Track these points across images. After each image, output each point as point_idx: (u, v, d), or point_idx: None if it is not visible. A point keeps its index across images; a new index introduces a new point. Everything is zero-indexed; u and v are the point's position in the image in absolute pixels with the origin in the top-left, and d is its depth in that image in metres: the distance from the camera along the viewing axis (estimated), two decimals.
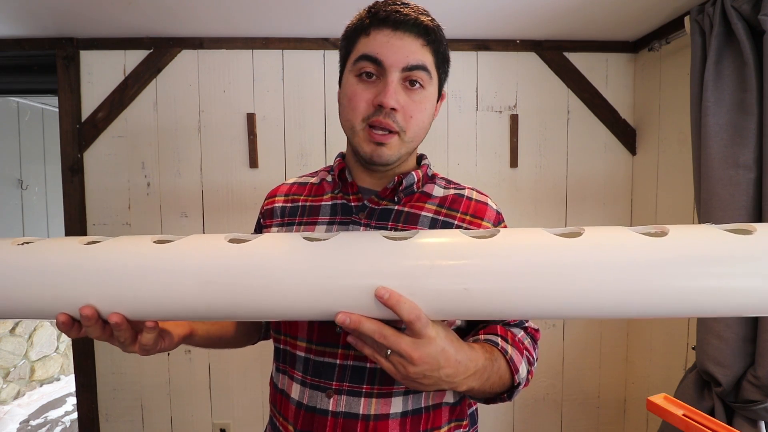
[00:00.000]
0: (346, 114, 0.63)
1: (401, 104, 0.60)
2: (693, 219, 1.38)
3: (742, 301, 0.44)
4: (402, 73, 0.60)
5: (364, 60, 0.60)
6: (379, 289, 0.45)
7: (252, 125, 1.58)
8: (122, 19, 1.40)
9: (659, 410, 0.80)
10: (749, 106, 1.08)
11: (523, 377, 0.60)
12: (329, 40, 1.57)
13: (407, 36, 0.60)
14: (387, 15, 0.59)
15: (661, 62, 1.52)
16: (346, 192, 0.69)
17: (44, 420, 2.59)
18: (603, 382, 1.72)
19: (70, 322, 0.49)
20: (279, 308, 0.47)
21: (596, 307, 0.44)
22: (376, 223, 0.65)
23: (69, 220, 1.57)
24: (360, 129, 0.62)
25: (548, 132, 1.66)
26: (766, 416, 1.06)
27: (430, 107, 0.64)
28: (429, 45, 0.61)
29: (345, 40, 0.66)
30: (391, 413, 0.60)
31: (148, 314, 0.49)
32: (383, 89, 0.59)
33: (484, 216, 0.67)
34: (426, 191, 0.69)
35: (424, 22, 0.60)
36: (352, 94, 0.62)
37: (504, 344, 0.60)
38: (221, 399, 1.64)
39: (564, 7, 1.34)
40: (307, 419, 0.62)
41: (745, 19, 1.08)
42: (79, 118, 1.56)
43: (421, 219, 0.65)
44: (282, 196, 0.74)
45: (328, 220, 0.67)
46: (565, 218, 1.67)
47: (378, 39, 0.60)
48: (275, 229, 0.71)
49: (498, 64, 1.62)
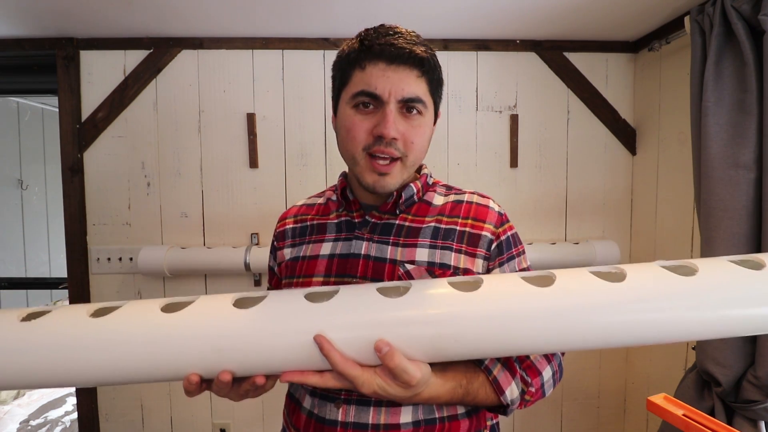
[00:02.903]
0: (346, 144, 0.64)
1: (401, 132, 0.61)
2: (693, 219, 1.38)
3: (680, 329, 0.51)
4: (399, 104, 0.61)
5: (361, 95, 0.61)
6: (378, 341, 0.50)
7: (252, 125, 1.58)
8: (122, 19, 1.40)
9: (659, 410, 0.80)
10: (749, 106, 1.08)
11: (513, 399, 0.61)
12: (329, 40, 1.57)
13: (402, 69, 0.60)
14: (381, 49, 0.60)
15: (661, 62, 1.52)
16: (349, 209, 0.71)
17: (44, 420, 2.59)
18: (603, 382, 1.72)
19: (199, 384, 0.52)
20: (288, 365, 0.52)
21: (566, 343, 0.52)
22: (378, 238, 0.67)
23: (69, 220, 1.57)
24: (361, 158, 0.63)
25: (548, 132, 1.66)
26: (766, 416, 1.06)
27: (428, 131, 0.66)
28: (424, 75, 0.62)
29: (339, 70, 0.66)
30: (402, 423, 0.61)
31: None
32: (382, 120, 0.60)
33: (486, 218, 0.68)
34: (426, 200, 0.71)
35: (419, 54, 0.61)
36: (350, 125, 0.63)
37: (492, 363, 0.62)
38: (221, 399, 1.63)
39: (564, 7, 1.34)
40: (318, 429, 0.63)
41: (745, 19, 1.08)
42: (79, 118, 1.56)
43: (423, 231, 0.66)
44: (292, 218, 0.77)
45: (333, 237, 0.70)
46: (564, 218, 1.67)
47: (374, 73, 0.60)
48: (288, 250, 0.74)
49: (498, 64, 1.62)
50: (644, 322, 0.51)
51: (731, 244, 1.09)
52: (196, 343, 0.50)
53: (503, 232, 0.68)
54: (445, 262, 0.64)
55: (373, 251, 0.66)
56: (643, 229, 1.64)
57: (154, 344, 0.50)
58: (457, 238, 0.66)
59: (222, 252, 1.53)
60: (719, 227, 1.11)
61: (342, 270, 0.66)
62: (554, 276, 0.54)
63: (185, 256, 1.52)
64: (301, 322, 0.51)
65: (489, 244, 0.66)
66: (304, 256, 0.70)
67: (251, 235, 1.61)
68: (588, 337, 0.51)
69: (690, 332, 0.52)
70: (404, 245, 0.65)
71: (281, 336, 0.51)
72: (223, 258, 1.52)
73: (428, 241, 0.65)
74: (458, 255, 0.65)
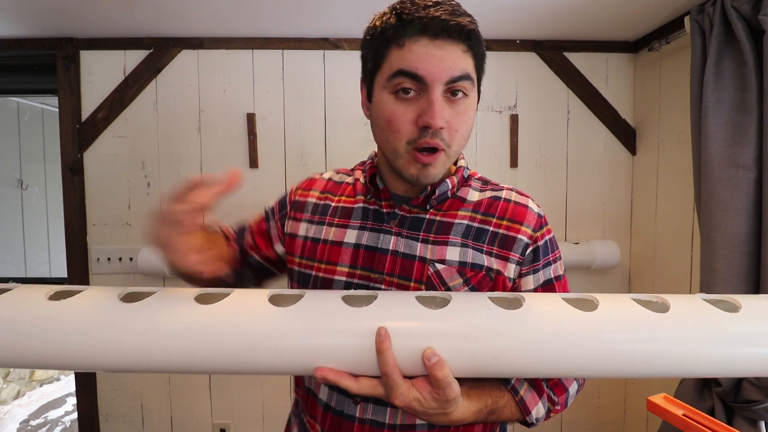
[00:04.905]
0: (387, 136, 0.58)
1: (447, 120, 0.55)
2: (693, 219, 1.38)
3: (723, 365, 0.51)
4: (445, 86, 0.54)
5: (401, 76, 0.54)
6: (427, 350, 0.48)
7: (252, 125, 1.58)
8: (122, 19, 1.40)
9: (659, 410, 0.80)
10: (749, 106, 1.08)
11: (539, 417, 0.61)
12: (329, 40, 1.57)
13: (447, 45, 0.53)
14: (422, 23, 0.53)
15: (661, 62, 1.52)
16: (378, 198, 0.66)
17: (44, 420, 2.59)
18: (603, 382, 1.72)
19: None
20: (334, 364, 0.50)
21: (605, 370, 0.51)
22: (407, 233, 0.63)
23: (69, 220, 1.57)
24: (405, 152, 0.57)
25: (548, 132, 1.65)
26: (766, 416, 1.06)
27: (473, 113, 0.59)
28: (470, 50, 0.56)
29: (371, 48, 0.59)
30: (418, 423, 0.60)
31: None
32: (428, 109, 0.54)
33: (524, 220, 0.63)
34: (461, 196, 0.66)
35: (466, 26, 0.54)
36: (391, 115, 0.56)
37: (518, 383, 0.60)
38: (221, 399, 1.64)
39: (564, 7, 1.34)
40: (335, 422, 0.63)
41: (745, 19, 1.08)
42: (79, 118, 1.56)
43: (454, 227, 0.62)
44: (317, 191, 0.72)
45: (359, 224, 0.65)
46: (564, 218, 1.67)
47: (415, 51, 0.53)
48: (304, 225, 0.69)
49: (498, 64, 1.62)
50: (686, 356, 0.50)
51: (731, 244, 1.09)
52: (232, 338, 0.49)
53: (541, 237, 0.63)
54: (476, 262, 0.60)
55: (402, 247, 0.62)
56: (643, 229, 1.64)
57: (188, 335, 0.49)
58: (488, 240, 0.62)
59: None
60: (719, 227, 1.11)
61: (368, 264, 0.62)
62: (597, 300, 0.53)
63: None
64: (342, 324, 0.50)
65: (524, 248, 0.62)
66: (326, 239, 0.66)
67: None
68: (628, 365, 0.50)
69: (730, 369, 0.51)
70: (434, 242, 0.61)
71: (320, 336, 0.49)
72: None
73: (459, 239, 0.61)
74: (489, 257, 0.61)
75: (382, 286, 0.61)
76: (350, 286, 0.63)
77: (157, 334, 0.48)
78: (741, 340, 0.50)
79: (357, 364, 0.49)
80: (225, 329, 0.49)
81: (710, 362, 0.50)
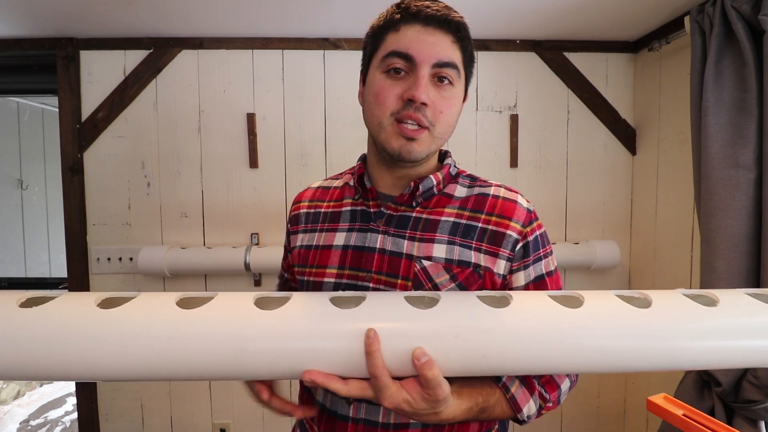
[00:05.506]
0: (373, 110, 0.61)
1: (431, 99, 0.58)
2: (693, 219, 1.38)
3: (703, 358, 0.52)
4: (432, 69, 0.58)
5: (394, 56, 0.59)
6: (417, 350, 0.48)
7: (252, 125, 1.58)
8: (122, 19, 1.40)
9: (659, 410, 0.80)
10: (749, 106, 1.08)
11: (530, 414, 0.61)
12: (329, 40, 1.57)
13: (438, 32, 0.59)
14: (418, 10, 0.59)
15: (661, 62, 1.52)
16: (366, 198, 0.67)
17: (44, 420, 2.59)
18: (603, 382, 1.72)
19: None
20: (323, 367, 0.50)
21: (594, 364, 0.52)
22: (394, 231, 0.63)
23: (69, 220, 1.57)
24: (388, 124, 0.60)
25: (548, 132, 1.65)
26: (766, 416, 1.06)
27: (457, 105, 0.63)
28: (458, 42, 0.61)
29: (371, 37, 0.64)
30: (411, 423, 0.61)
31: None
32: (414, 83, 0.58)
33: (513, 216, 0.63)
34: (447, 192, 0.66)
35: (455, 19, 0.60)
36: (379, 89, 0.60)
37: (509, 380, 0.60)
38: (221, 399, 1.64)
39: (564, 7, 1.34)
40: (330, 423, 0.63)
41: (745, 19, 1.08)
42: (79, 118, 1.56)
43: (441, 225, 0.63)
44: (307, 201, 0.75)
45: (347, 227, 0.67)
46: (564, 218, 1.67)
47: (408, 34, 0.59)
48: (301, 236, 0.72)
49: (498, 64, 1.62)
50: (668, 350, 0.51)
51: (731, 244, 1.09)
52: (217, 343, 0.48)
53: (531, 232, 0.63)
54: (463, 259, 0.61)
55: (389, 245, 0.63)
56: (643, 229, 1.64)
57: (170, 341, 0.47)
58: (477, 237, 0.62)
59: (222, 252, 1.53)
60: (719, 227, 1.11)
61: (356, 263, 0.63)
62: (582, 297, 0.54)
63: (185, 256, 1.52)
64: (330, 326, 0.49)
65: (514, 244, 0.62)
66: (317, 245, 0.68)
67: (251, 235, 1.61)
68: (615, 360, 0.51)
69: (709, 361, 0.52)
70: (421, 239, 0.62)
71: (308, 339, 0.49)
72: (223, 258, 1.52)
73: (446, 236, 0.62)
74: (478, 254, 0.61)
75: (370, 285, 0.62)
76: (339, 287, 0.63)
77: (138, 341, 0.47)
78: (719, 334, 0.52)
79: (346, 367, 0.49)
80: (209, 334, 0.48)
81: (690, 355, 0.51)
